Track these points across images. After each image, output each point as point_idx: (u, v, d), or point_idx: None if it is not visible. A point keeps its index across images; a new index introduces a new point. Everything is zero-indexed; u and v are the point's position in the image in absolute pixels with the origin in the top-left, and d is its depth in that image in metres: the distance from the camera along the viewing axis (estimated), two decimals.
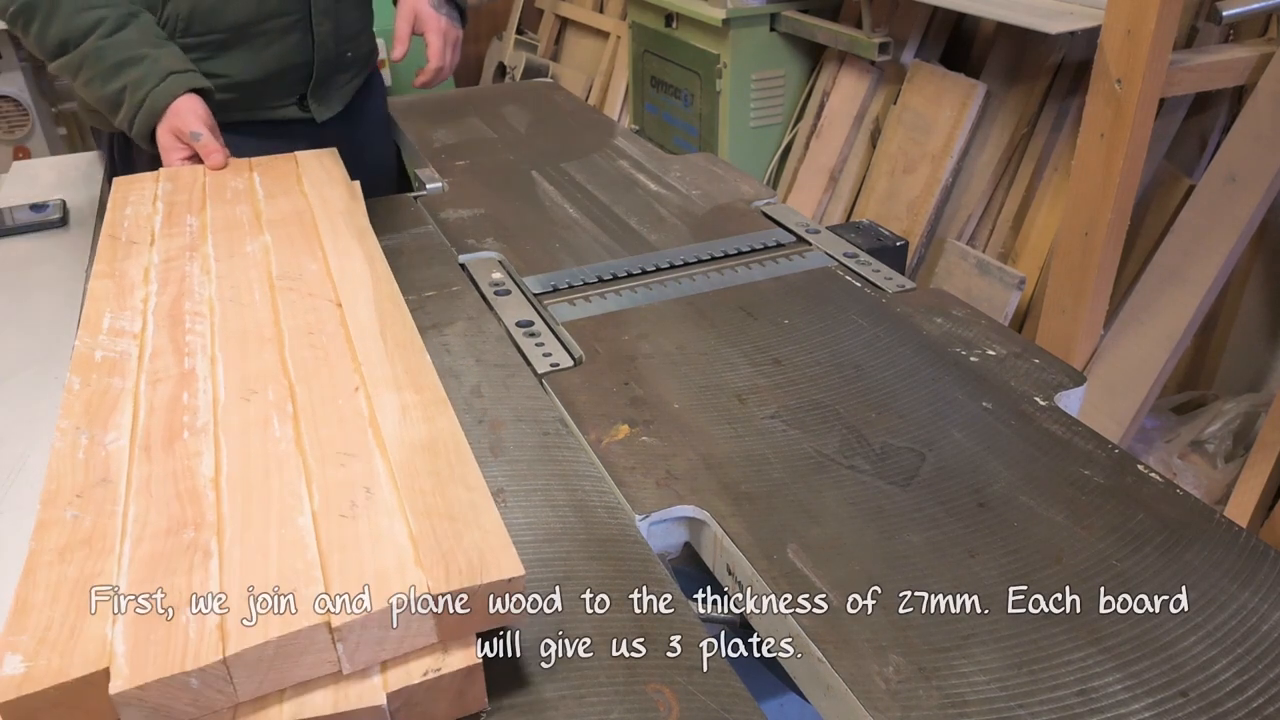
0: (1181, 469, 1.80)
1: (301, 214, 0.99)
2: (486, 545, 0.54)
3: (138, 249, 0.92)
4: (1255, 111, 1.62)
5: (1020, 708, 0.55)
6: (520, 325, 0.97)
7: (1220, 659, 0.58)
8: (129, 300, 0.83)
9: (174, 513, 0.58)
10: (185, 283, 0.86)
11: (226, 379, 0.72)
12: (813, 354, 0.91)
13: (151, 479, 0.61)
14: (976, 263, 2.04)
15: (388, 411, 0.67)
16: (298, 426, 0.66)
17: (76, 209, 1.33)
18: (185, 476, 0.61)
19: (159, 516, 0.58)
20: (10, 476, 0.79)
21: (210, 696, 0.49)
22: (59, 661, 0.48)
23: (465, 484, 0.60)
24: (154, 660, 0.48)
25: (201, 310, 0.81)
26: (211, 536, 0.56)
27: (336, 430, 0.65)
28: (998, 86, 2.07)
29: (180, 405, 0.69)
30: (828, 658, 0.58)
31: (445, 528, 0.56)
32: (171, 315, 0.81)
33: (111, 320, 0.80)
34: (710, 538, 0.71)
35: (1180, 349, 1.72)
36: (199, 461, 0.63)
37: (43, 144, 3.28)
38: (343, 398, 0.69)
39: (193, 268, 0.88)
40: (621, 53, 3.18)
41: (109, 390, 0.71)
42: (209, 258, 0.90)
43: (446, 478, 0.60)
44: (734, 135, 2.52)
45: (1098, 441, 0.78)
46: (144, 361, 0.74)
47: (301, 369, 0.72)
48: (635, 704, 0.56)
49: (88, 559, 0.55)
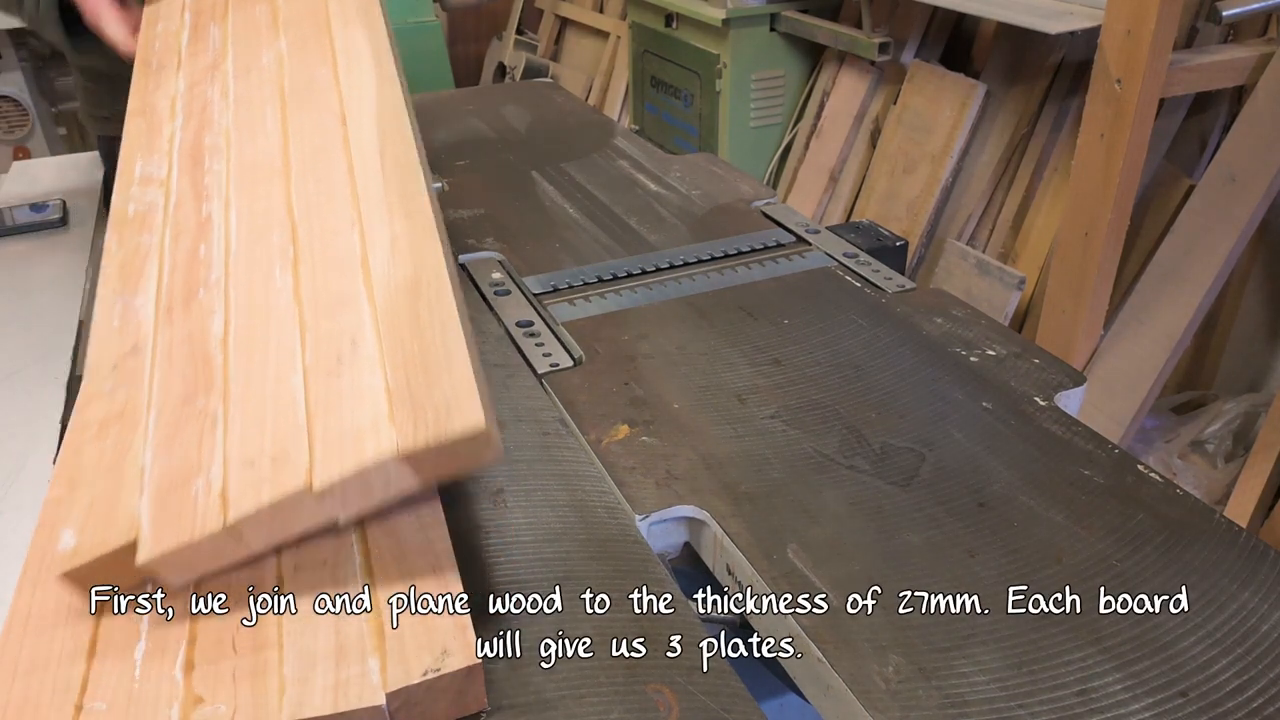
0: (1181, 469, 1.80)
1: (316, 6, 0.97)
2: (453, 394, 0.56)
3: (166, 75, 0.94)
4: (1255, 111, 1.62)
5: (1020, 708, 0.55)
6: (520, 325, 0.97)
7: (1220, 659, 0.58)
8: (157, 142, 0.86)
9: (188, 379, 0.62)
10: (206, 112, 0.87)
11: (238, 226, 0.74)
12: (813, 354, 0.91)
13: (172, 344, 0.65)
14: (976, 263, 2.04)
15: (378, 249, 0.68)
16: (297, 274, 0.68)
17: (76, 209, 1.33)
18: (199, 339, 0.65)
19: (177, 383, 0.62)
20: (10, 476, 0.79)
21: (226, 552, 0.55)
22: (101, 534, 0.54)
23: (442, 327, 0.61)
24: (170, 531, 0.54)
25: (219, 143, 0.83)
26: (219, 403, 0.60)
27: (331, 275, 0.67)
28: (998, 86, 2.07)
29: (197, 261, 0.72)
30: (828, 658, 0.58)
31: (419, 379, 0.57)
32: (193, 154, 0.83)
33: (142, 167, 0.83)
34: (710, 538, 0.71)
35: (1180, 349, 1.72)
36: (211, 321, 0.66)
37: (43, 144, 3.28)
38: (340, 234, 0.71)
39: (213, 91, 0.89)
40: (621, 53, 3.18)
41: (139, 249, 0.75)
42: (228, 76, 0.90)
43: (425, 322, 0.62)
44: (734, 135, 2.52)
45: (1098, 441, 0.78)
46: (169, 212, 0.77)
47: (304, 204, 0.74)
48: (635, 704, 0.56)
49: (122, 432, 0.60)
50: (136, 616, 0.57)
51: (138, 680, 0.53)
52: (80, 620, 0.57)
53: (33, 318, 1.05)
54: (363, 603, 0.58)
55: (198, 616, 0.57)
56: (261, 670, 0.53)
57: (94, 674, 0.53)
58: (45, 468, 0.79)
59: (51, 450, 0.81)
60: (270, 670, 0.53)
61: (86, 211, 1.34)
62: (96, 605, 0.55)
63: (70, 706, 0.51)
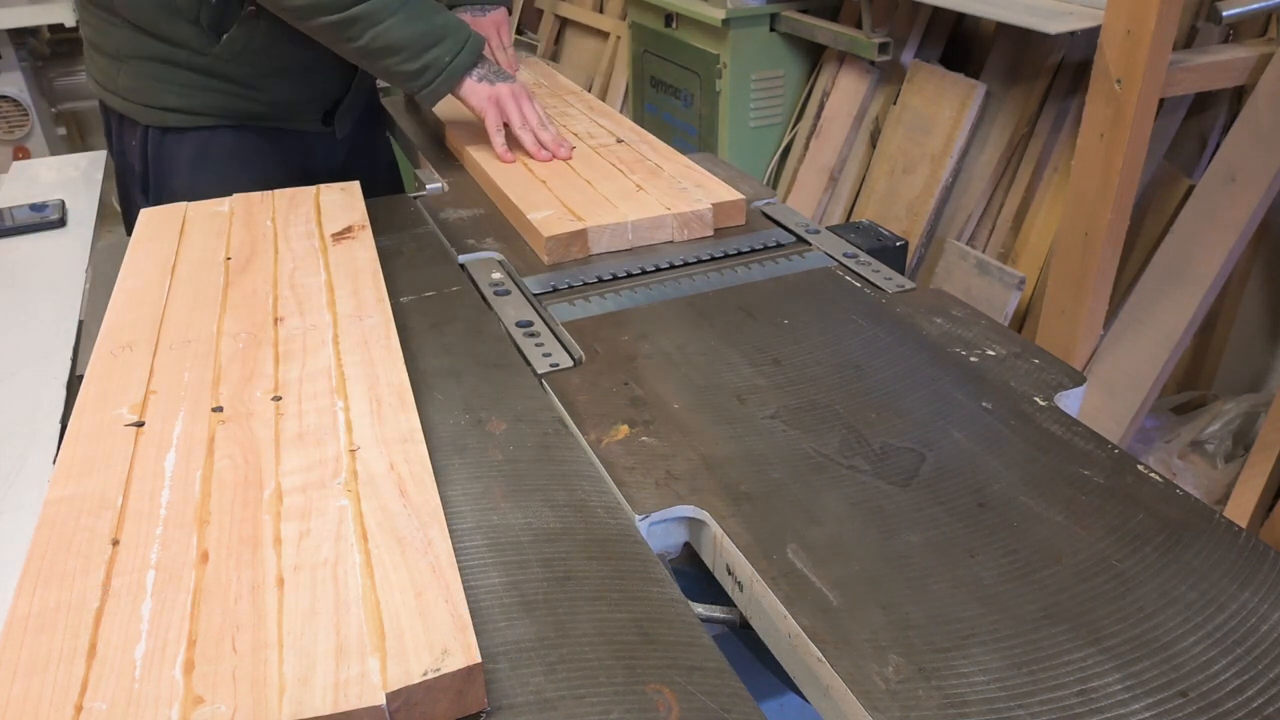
0: (1181, 469, 1.80)
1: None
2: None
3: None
4: (1255, 111, 1.62)
5: (1020, 708, 0.55)
6: (520, 325, 0.96)
7: (1220, 659, 0.58)
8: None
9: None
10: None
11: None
12: (812, 354, 0.91)
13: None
14: (976, 263, 2.04)
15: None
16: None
17: (76, 209, 1.33)
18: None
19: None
20: (10, 476, 0.79)
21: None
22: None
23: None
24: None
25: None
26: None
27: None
28: (997, 86, 2.07)
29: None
30: (827, 658, 0.58)
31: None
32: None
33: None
34: (710, 538, 0.71)
35: (1180, 349, 1.72)
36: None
37: (42, 144, 3.28)
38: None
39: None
40: (621, 53, 3.18)
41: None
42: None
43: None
44: (734, 135, 2.52)
45: (1097, 441, 0.78)
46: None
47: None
48: (635, 704, 0.56)
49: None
50: (137, 616, 0.57)
51: (138, 680, 0.53)
52: (80, 620, 0.57)
53: (33, 318, 1.05)
54: (363, 603, 0.58)
55: (198, 617, 0.57)
56: (261, 670, 0.53)
57: (94, 674, 0.53)
58: (45, 468, 0.79)
59: (51, 450, 0.81)
60: (270, 670, 0.53)
61: (86, 211, 1.34)
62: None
63: (70, 706, 0.51)
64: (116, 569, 0.61)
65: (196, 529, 0.64)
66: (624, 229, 1.13)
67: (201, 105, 1.33)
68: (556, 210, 1.15)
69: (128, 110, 1.35)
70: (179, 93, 1.32)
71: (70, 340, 1.00)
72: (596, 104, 1.55)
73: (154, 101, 1.33)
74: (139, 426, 0.75)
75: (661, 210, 1.15)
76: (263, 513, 0.65)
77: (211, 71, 1.31)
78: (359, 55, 1.24)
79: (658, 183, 1.23)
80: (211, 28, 1.27)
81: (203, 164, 1.36)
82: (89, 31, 1.34)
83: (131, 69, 1.31)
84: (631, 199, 1.18)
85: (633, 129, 1.43)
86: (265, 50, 1.31)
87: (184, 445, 0.73)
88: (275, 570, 0.60)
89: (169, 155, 1.36)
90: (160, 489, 0.68)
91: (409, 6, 1.21)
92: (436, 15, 1.24)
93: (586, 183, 1.23)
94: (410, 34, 1.22)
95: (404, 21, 1.21)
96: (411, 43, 1.22)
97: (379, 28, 1.20)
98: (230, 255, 1.02)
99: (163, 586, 0.59)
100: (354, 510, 0.65)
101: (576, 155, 1.33)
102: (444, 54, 1.24)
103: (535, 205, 1.16)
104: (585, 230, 1.11)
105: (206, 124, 1.35)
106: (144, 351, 0.85)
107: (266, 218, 1.11)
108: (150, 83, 1.31)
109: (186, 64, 1.30)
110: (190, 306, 0.92)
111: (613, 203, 1.17)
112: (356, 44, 1.22)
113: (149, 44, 1.29)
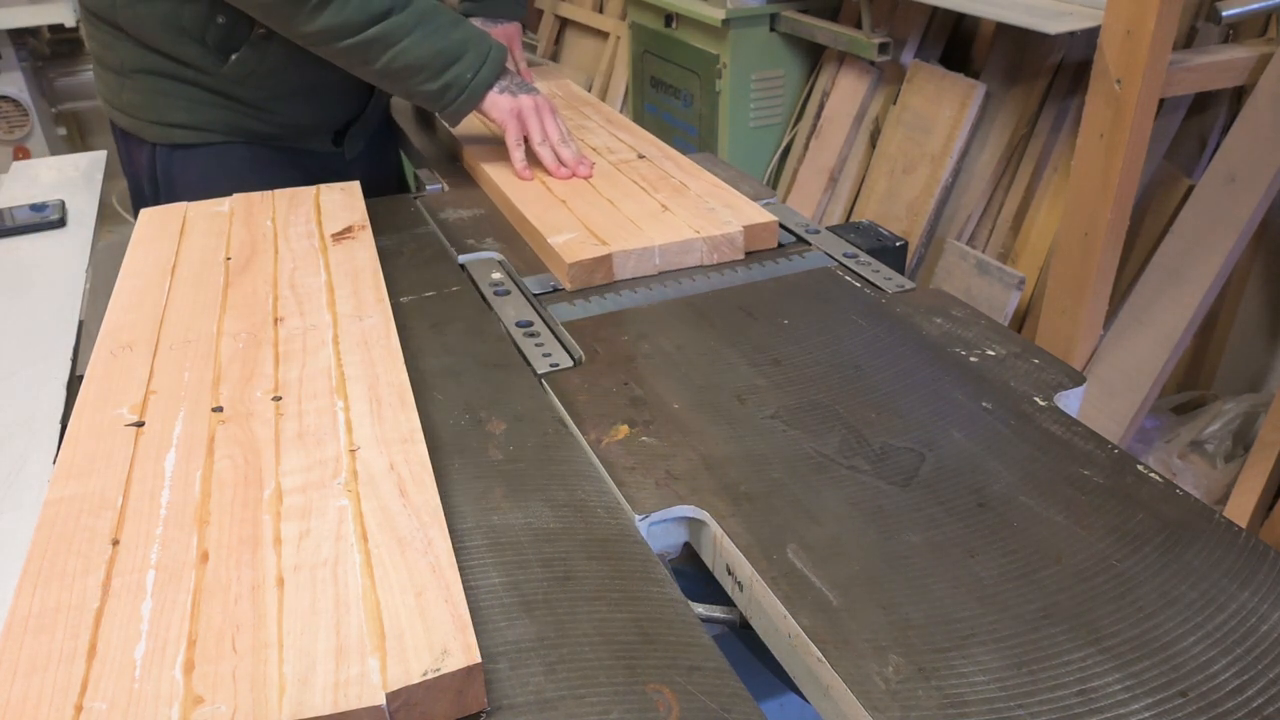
0: (1181, 469, 1.80)
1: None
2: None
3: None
4: (1255, 111, 1.62)
5: (1020, 708, 0.55)
6: (520, 325, 0.97)
7: (1220, 659, 0.58)
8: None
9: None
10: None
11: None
12: (812, 354, 0.91)
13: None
14: (976, 263, 2.04)
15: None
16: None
17: (76, 209, 1.33)
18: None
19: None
20: (10, 476, 0.79)
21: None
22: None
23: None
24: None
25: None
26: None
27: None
28: (997, 87, 2.07)
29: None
30: (827, 658, 0.58)
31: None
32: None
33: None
34: (710, 538, 0.71)
35: (1180, 349, 1.72)
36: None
37: (42, 144, 3.28)
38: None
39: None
40: (621, 53, 3.18)
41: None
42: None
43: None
44: (734, 135, 2.52)
45: (1097, 441, 0.78)
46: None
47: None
48: (635, 704, 0.56)
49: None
50: (137, 616, 0.57)
51: (138, 680, 0.53)
52: (80, 620, 0.57)
53: (32, 318, 1.05)
54: (363, 603, 0.58)
55: (198, 616, 0.57)
56: (261, 670, 0.53)
57: (94, 674, 0.53)
58: (45, 468, 0.79)
59: (51, 450, 0.81)
60: (270, 670, 0.53)
61: (86, 212, 1.33)
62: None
63: (70, 706, 0.51)
64: (116, 569, 0.61)
65: (196, 529, 0.64)
66: (651, 253, 1.06)
67: (210, 121, 1.30)
68: (579, 233, 1.08)
69: (133, 127, 1.32)
70: (186, 108, 1.28)
71: (70, 340, 1.00)
72: (615, 116, 1.50)
73: (160, 117, 1.29)
74: (139, 426, 0.75)
75: (690, 233, 1.08)
76: (263, 513, 0.65)
77: (219, 91, 1.28)
78: (380, 78, 1.22)
79: (684, 202, 1.16)
80: (219, 48, 1.24)
81: (217, 181, 1.30)
82: (94, 46, 1.31)
83: (136, 84, 1.28)
84: (657, 220, 1.12)
85: (654, 143, 1.37)
86: (275, 73, 1.28)
87: (184, 445, 0.73)
88: (275, 570, 0.60)
89: (179, 175, 1.32)
90: (160, 489, 0.68)
91: (425, 24, 1.18)
92: (455, 30, 1.21)
93: (609, 202, 1.17)
94: (429, 51, 1.19)
95: (422, 39, 1.18)
96: (431, 60, 1.19)
97: (397, 48, 1.17)
98: (230, 255, 1.02)
99: (163, 586, 0.59)
100: (354, 510, 0.65)
101: (597, 172, 1.27)
102: (465, 70, 1.21)
103: (556, 227, 1.10)
104: (610, 255, 1.04)
105: (216, 140, 1.32)
106: (144, 351, 0.85)
107: (266, 218, 1.11)
108: (156, 98, 1.28)
109: (193, 81, 1.27)
110: (190, 306, 0.92)
111: (637, 224, 1.10)
112: (375, 66, 1.19)
113: (154, 59, 1.25)
